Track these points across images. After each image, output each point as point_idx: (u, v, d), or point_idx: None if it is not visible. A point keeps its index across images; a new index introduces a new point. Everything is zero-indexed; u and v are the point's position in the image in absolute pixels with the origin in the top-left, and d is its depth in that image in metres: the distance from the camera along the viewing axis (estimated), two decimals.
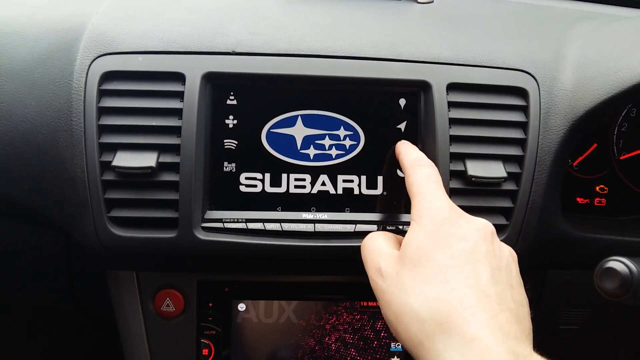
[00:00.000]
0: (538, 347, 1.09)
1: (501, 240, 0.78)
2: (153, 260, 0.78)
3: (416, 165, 0.70)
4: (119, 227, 0.75)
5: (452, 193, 0.78)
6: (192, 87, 0.76)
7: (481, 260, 0.58)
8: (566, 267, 0.93)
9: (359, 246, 0.77)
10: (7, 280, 0.97)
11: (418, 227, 0.62)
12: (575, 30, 0.90)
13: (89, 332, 1.34)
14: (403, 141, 0.76)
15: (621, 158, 0.98)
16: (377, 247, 0.66)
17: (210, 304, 0.83)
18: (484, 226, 0.63)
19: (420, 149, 0.80)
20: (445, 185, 0.77)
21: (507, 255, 0.64)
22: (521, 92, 0.81)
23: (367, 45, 0.81)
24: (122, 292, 0.82)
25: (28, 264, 0.92)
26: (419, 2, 0.98)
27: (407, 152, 0.73)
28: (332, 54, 0.80)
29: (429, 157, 0.78)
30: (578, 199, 0.98)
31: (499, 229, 0.79)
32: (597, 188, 0.99)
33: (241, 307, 0.84)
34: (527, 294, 0.93)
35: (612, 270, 0.61)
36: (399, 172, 0.80)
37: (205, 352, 0.83)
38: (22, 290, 1.00)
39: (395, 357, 0.87)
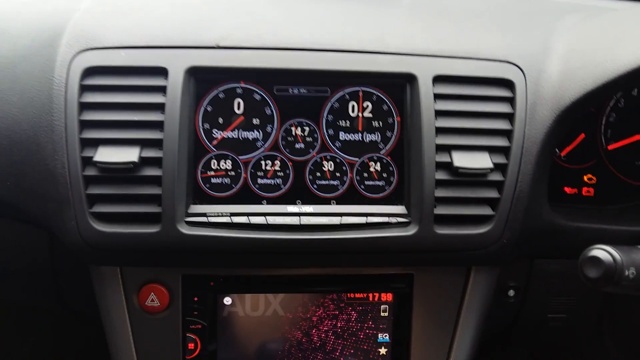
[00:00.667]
0: (527, 336, 1.10)
1: (487, 231, 0.79)
2: (136, 256, 0.77)
3: None
4: (101, 223, 0.74)
5: (438, 184, 0.77)
6: (175, 81, 0.75)
7: None
8: (553, 257, 0.93)
9: (345, 238, 0.77)
10: None
11: None
12: (563, 22, 0.89)
13: (79, 330, 1.34)
14: None
15: (609, 148, 0.98)
16: None
17: (196, 298, 0.82)
18: None
19: (406, 141, 0.80)
20: (431, 176, 0.77)
21: None
22: (507, 84, 0.81)
23: (354, 38, 0.81)
24: (106, 287, 0.81)
25: (11, 262, 0.91)
26: None
27: None
28: (318, 48, 0.79)
29: (415, 149, 0.78)
30: (566, 189, 0.98)
31: (486, 219, 0.79)
32: (585, 178, 0.99)
33: (227, 300, 0.83)
34: (511, 284, 0.94)
35: (595, 258, 0.61)
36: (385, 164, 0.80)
37: (191, 346, 0.83)
38: (6, 288, 0.99)
39: (383, 347, 0.87)
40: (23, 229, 0.86)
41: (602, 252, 0.60)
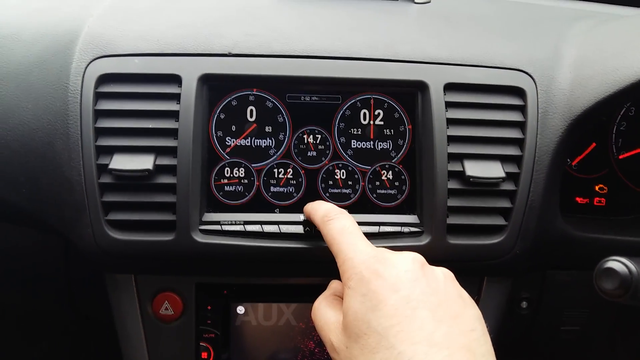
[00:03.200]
0: (540, 348, 1.08)
1: (500, 241, 0.78)
2: (151, 263, 0.78)
3: (327, 220, 0.67)
4: (116, 230, 0.75)
5: (450, 194, 0.77)
6: (189, 88, 0.76)
7: (419, 306, 0.55)
8: (566, 268, 0.93)
9: None
10: (6, 283, 0.97)
11: (349, 292, 0.58)
12: (573, 29, 0.89)
13: (91, 336, 1.34)
14: (309, 203, 0.74)
15: (620, 157, 0.97)
16: (324, 320, 0.62)
17: (209, 307, 0.82)
18: (411, 263, 0.59)
19: (418, 149, 0.80)
20: (443, 185, 0.77)
21: (443, 281, 0.60)
22: (519, 92, 0.81)
23: (364, 46, 0.81)
24: (120, 295, 0.82)
25: (27, 268, 0.92)
26: (416, 2, 0.98)
27: (315, 210, 0.70)
28: (329, 55, 0.80)
29: (427, 157, 0.78)
30: (577, 199, 0.98)
31: (498, 229, 0.79)
32: (597, 187, 0.98)
33: (240, 310, 0.83)
34: (524, 295, 0.93)
35: (611, 270, 0.60)
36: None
37: (204, 355, 0.83)
38: (21, 293, 1.00)
39: None
40: (38, 236, 0.86)
41: (617, 263, 0.60)
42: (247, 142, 0.79)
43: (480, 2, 1.02)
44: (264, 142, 0.79)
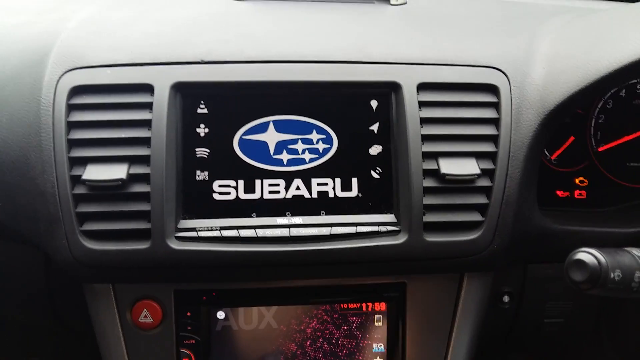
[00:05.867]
0: (525, 341, 1.09)
1: (477, 237, 0.78)
2: (128, 272, 0.78)
3: None
4: (91, 241, 0.75)
5: (426, 192, 0.77)
6: (161, 97, 0.76)
7: None
8: (547, 261, 0.93)
9: (335, 249, 0.77)
10: None
11: None
12: (547, 25, 0.90)
13: (79, 349, 1.33)
14: None
15: (599, 150, 0.98)
16: None
17: (189, 313, 0.82)
18: None
19: (393, 149, 0.80)
20: (419, 184, 0.77)
21: None
22: (492, 89, 0.81)
23: (337, 49, 0.81)
24: (99, 304, 0.81)
25: (7, 281, 0.92)
26: (392, 4, 0.98)
27: None
28: (301, 59, 0.80)
29: (402, 157, 0.78)
30: (558, 192, 0.98)
31: (475, 225, 0.79)
32: (577, 180, 0.99)
33: (220, 315, 0.83)
34: (506, 290, 0.93)
35: (580, 261, 0.60)
36: (372, 173, 0.80)
37: None
38: (6, 308, 0.99)
39: (378, 357, 0.86)
40: (17, 249, 0.86)
41: (586, 255, 0.60)
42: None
43: (457, 1, 1.02)
44: None
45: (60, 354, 1.40)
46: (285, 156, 0.80)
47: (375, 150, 0.81)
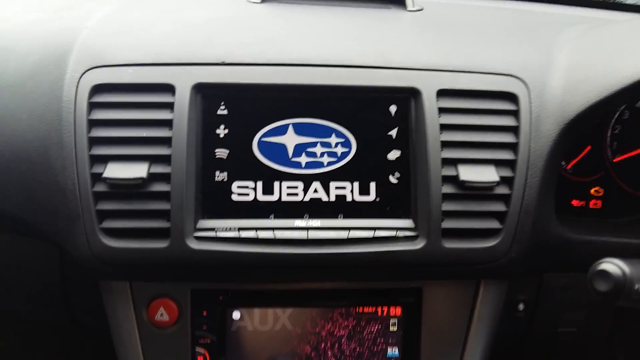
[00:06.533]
0: (538, 350, 1.08)
1: (495, 244, 0.79)
2: (146, 270, 0.78)
3: None
4: (111, 238, 0.75)
5: (444, 198, 0.77)
6: (182, 98, 0.76)
7: None
8: (562, 270, 0.93)
9: (353, 253, 0.77)
10: (1, 293, 0.97)
11: None
12: (564, 34, 0.90)
13: (88, 346, 1.34)
14: None
15: (615, 160, 0.98)
16: None
17: (205, 313, 0.83)
18: None
19: (412, 155, 0.80)
20: (438, 190, 0.77)
21: None
22: (511, 97, 0.81)
23: (357, 54, 0.82)
24: (115, 302, 0.82)
25: (23, 277, 0.92)
26: (408, 10, 0.98)
27: None
28: (321, 63, 0.80)
29: (421, 163, 0.78)
30: (573, 202, 0.98)
31: (493, 232, 0.79)
32: (592, 190, 0.98)
33: (236, 315, 0.84)
34: (521, 298, 0.93)
35: (604, 272, 0.60)
36: (390, 178, 0.81)
37: None
38: (18, 304, 1.00)
39: None
40: (33, 245, 0.87)
41: (611, 265, 0.60)
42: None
43: (472, 9, 1.02)
44: None
45: (65, 351, 1.41)
46: (303, 159, 0.80)
47: (393, 155, 0.81)
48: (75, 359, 1.39)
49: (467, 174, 0.78)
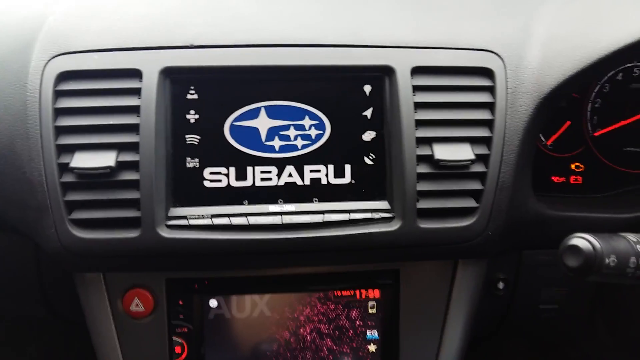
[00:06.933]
0: (520, 327, 1.09)
1: (472, 223, 0.78)
2: (118, 261, 0.77)
3: None
4: (80, 229, 0.74)
5: (419, 178, 0.76)
6: (150, 83, 0.74)
7: None
8: (542, 247, 0.92)
9: (328, 236, 0.76)
10: None
11: None
12: (544, 7, 0.88)
13: (76, 338, 1.33)
14: None
15: (595, 135, 0.97)
16: None
17: (181, 302, 0.82)
18: None
19: (387, 135, 0.79)
20: (412, 170, 0.76)
21: None
22: (487, 73, 0.80)
23: (329, 32, 0.80)
24: (90, 294, 0.81)
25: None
26: None
27: None
28: (293, 43, 0.78)
29: (395, 142, 0.77)
30: (553, 178, 0.97)
31: (469, 211, 0.79)
32: (573, 166, 0.98)
33: (212, 303, 0.83)
34: (500, 276, 0.92)
35: (575, 247, 0.59)
36: (366, 159, 0.79)
37: (178, 350, 0.83)
38: None
39: (372, 344, 0.86)
40: (7, 238, 0.85)
41: (581, 240, 0.59)
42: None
43: None
44: None
45: (55, 343, 1.40)
46: (277, 142, 0.78)
47: (368, 136, 0.80)
48: (56, 351, 1.39)
49: (442, 152, 0.76)
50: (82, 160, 0.72)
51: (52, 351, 1.40)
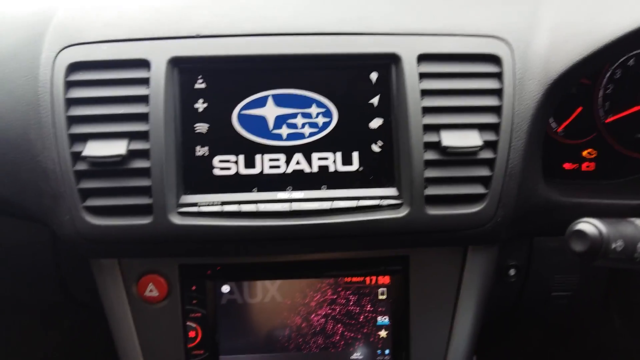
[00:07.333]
0: (532, 315, 1.08)
1: (480, 210, 0.78)
2: (132, 247, 0.79)
3: None
4: (95, 216, 0.76)
5: (427, 165, 0.77)
6: (158, 72, 0.76)
7: None
8: (553, 234, 0.92)
9: (336, 223, 0.77)
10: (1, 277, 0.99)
11: None
12: None
13: (89, 326, 1.37)
14: None
15: (607, 121, 0.96)
16: None
17: (194, 287, 0.84)
18: None
19: (394, 122, 0.79)
20: (420, 157, 0.76)
21: None
22: (494, 59, 0.80)
23: (335, 21, 0.80)
24: (105, 279, 0.83)
25: (17, 259, 0.94)
26: None
27: None
28: (299, 32, 0.79)
29: (402, 130, 0.77)
30: (565, 165, 0.97)
31: (478, 198, 0.79)
32: (585, 153, 0.97)
33: (225, 289, 0.84)
34: (511, 263, 0.92)
35: (581, 232, 0.59)
36: (373, 146, 0.80)
37: (192, 334, 0.85)
38: (13, 286, 1.02)
39: (383, 330, 0.87)
40: (25, 226, 0.88)
41: (587, 225, 0.59)
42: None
43: None
44: None
45: (77, 328, 1.44)
46: (284, 131, 0.79)
47: (375, 123, 0.80)
48: (77, 337, 1.42)
49: (450, 139, 0.76)
50: (94, 149, 0.74)
51: (73, 337, 1.44)
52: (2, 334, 1.33)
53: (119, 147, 0.74)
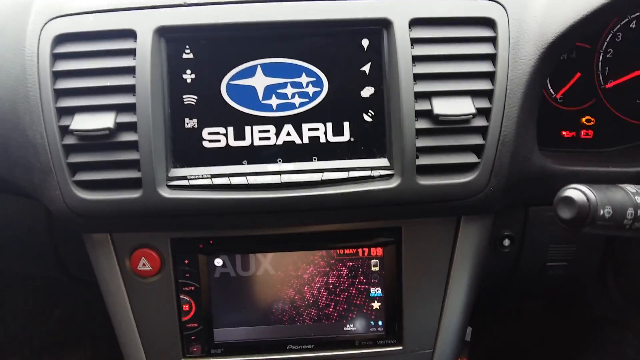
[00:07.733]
0: (527, 285, 1.07)
1: (473, 179, 0.77)
2: (123, 221, 0.78)
3: None
4: (84, 190, 0.75)
5: (418, 134, 0.75)
6: (144, 42, 0.74)
7: None
8: (547, 203, 0.90)
9: (327, 194, 0.76)
10: None
11: None
12: None
13: (85, 299, 1.38)
14: None
15: (607, 86, 0.93)
16: None
17: (187, 261, 0.83)
18: None
19: (385, 90, 0.77)
20: (411, 126, 0.74)
21: None
22: (489, 23, 0.77)
23: None
24: (98, 254, 0.83)
25: (13, 235, 0.94)
26: None
27: None
28: None
29: (393, 98, 0.75)
30: (563, 133, 0.95)
31: (470, 167, 0.77)
32: (583, 119, 0.95)
33: (218, 262, 0.84)
34: (506, 233, 0.91)
35: (568, 198, 0.58)
36: (365, 116, 0.78)
37: (185, 307, 0.85)
38: (9, 260, 1.02)
39: (376, 301, 0.87)
40: (19, 201, 0.87)
41: (575, 191, 0.57)
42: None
43: None
44: None
45: (80, 305, 1.45)
46: (274, 101, 0.78)
47: (367, 92, 0.78)
48: (80, 313, 1.44)
49: (442, 107, 0.75)
50: (81, 122, 0.73)
51: (76, 313, 1.46)
52: (6, 310, 1.34)
53: (106, 120, 0.73)
